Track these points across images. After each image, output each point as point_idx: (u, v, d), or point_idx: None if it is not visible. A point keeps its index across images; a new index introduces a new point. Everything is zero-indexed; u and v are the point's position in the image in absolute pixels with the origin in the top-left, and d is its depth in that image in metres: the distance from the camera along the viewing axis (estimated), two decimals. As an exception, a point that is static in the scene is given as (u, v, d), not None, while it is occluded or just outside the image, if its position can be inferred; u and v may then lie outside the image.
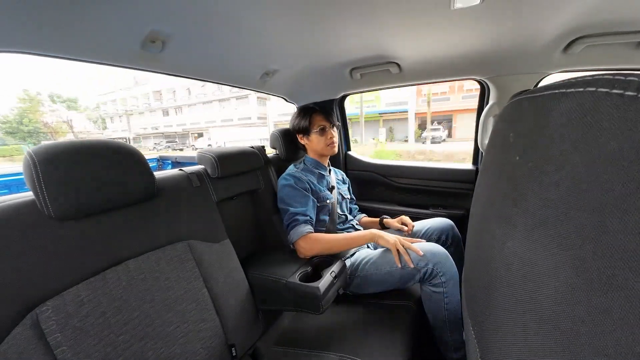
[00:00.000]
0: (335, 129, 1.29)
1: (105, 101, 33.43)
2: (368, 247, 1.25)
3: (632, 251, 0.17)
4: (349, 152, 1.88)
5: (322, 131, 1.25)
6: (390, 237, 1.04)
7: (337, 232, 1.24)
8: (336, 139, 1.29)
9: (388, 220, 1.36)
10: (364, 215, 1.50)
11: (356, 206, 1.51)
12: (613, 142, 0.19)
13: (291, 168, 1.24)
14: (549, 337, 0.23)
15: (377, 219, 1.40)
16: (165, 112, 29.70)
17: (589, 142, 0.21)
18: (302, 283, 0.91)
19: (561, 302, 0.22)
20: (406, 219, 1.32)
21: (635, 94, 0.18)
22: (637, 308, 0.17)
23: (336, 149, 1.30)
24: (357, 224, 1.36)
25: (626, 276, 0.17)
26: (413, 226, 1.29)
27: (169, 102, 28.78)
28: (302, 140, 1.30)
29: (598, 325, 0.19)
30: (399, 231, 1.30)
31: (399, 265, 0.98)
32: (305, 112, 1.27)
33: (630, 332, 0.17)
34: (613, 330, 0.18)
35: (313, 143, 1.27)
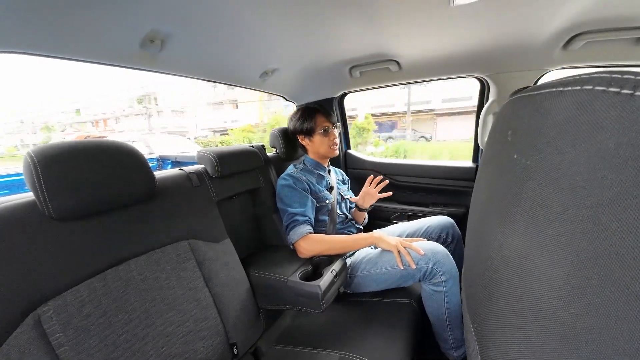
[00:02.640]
0: (336, 129, 1.27)
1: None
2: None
3: (627, 249, 0.17)
4: (349, 151, 1.88)
5: (326, 132, 1.23)
6: (391, 240, 1.04)
7: (337, 233, 1.24)
8: (337, 140, 1.28)
9: (357, 204, 1.33)
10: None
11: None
12: (610, 140, 0.19)
13: (290, 168, 1.24)
14: (548, 334, 0.23)
15: (356, 210, 1.36)
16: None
17: (586, 140, 0.21)
18: (303, 282, 0.91)
19: (560, 299, 0.22)
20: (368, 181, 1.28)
21: (631, 92, 0.18)
22: (634, 305, 0.17)
23: (337, 151, 1.29)
24: (356, 223, 1.36)
25: (622, 274, 0.17)
26: (376, 179, 1.26)
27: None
28: (304, 142, 1.28)
29: (596, 322, 0.19)
30: (402, 226, 1.30)
31: (401, 267, 0.98)
32: (309, 112, 1.25)
33: (628, 329, 0.17)
34: (611, 327, 0.18)
35: (316, 145, 1.25)
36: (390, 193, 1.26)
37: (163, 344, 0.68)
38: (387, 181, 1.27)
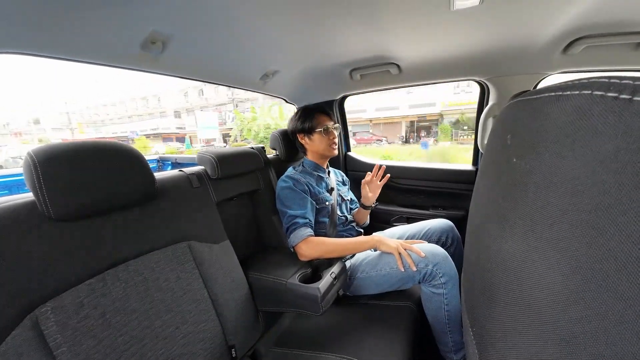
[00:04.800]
0: (335, 130, 1.28)
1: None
2: None
3: (626, 254, 0.17)
4: (349, 153, 1.89)
5: (326, 131, 1.23)
6: (391, 242, 1.04)
7: (337, 234, 1.24)
8: (337, 140, 1.28)
9: (362, 201, 1.36)
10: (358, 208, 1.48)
11: (357, 207, 1.51)
12: (608, 144, 0.19)
13: (290, 170, 1.24)
14: (547, 338, 0.23)
15: (360, 209, 1.40)
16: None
17: (585, 144, 0.21)
18: (302, 284, 0.91)
19: (558, 303, 0.22)
20: (367, 178, 1.32)
21: (630, 97, 0.18)
22: (631, 310, 0.17)
23: (337, 151, 1.29)
24: (357, 226, 1.36)
25: (620, 278, 0.17)
26: (380, 166, 1.30)
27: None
28: (303, 141, 1.29)
29: (595, 326, 0.19)
30: (402, 227, 1.30)
31: (402, 269, 0.98)
32: (309, 112, 1.26)
33: (626, 334, 0.17)
34: (609, 331, 0.18)
35: (315, 143, 1.25)
36: (389, 176, 1.31)
37: (162, 346, 0.67)
38: (384, 167, 1.31)
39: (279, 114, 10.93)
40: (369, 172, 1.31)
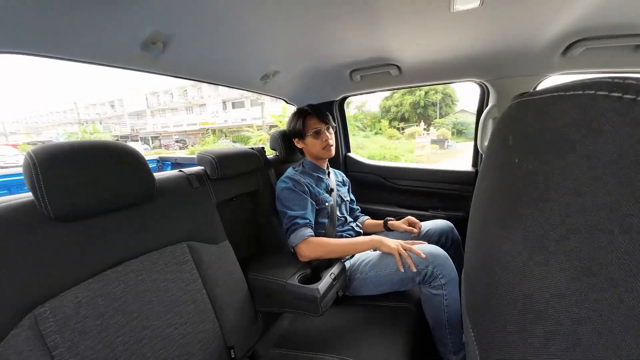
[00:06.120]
0: (330, 130, 1.26)
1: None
2: None
3: (629, 254, 0.17)
4: (349, 154, 1.89)
5: (317, 134, 1.22)
6: (391, 243, 1.03)
7: (336, 235, 1.24)
8: (332, 141, 1.26)
9: (393, 222, 1.34)
10: (367, 217, 1.49)
11: (358, 207, 1.51)
12: (611, 144, 0.19)
13: (290, 171, 1.23)
14: (549, 339, 0.23)
15: (381, 222, 1.38)
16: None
17: (588, 144, 0.21)
18: (302, 285, 0.91)
19: (560, 304, 0.22)
20: (413, 219, 1.30)
21: (633, 97, 0.18)
22: (636, 311, 0.17)
23: (333, 152, 1.27)
24: (356, 226, 1.36)
25: (624, 279, 0.17)
26: (421, 226, 1.27)
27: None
28: (299, 144, 1.29)
29: (598, 327, 0.19)
30: (406, 232, 1.29)
31: (402, 270, 0.98)
32: (299, 115, 1.25)
33: (630, 335, 0.17)
34: (614, 332, 0.18)
35: (309, 147, 1.25)
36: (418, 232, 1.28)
37: (160, 347, 0.67)
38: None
39: (92, 129, 21.47)
40: (413, 230, 1.28)
